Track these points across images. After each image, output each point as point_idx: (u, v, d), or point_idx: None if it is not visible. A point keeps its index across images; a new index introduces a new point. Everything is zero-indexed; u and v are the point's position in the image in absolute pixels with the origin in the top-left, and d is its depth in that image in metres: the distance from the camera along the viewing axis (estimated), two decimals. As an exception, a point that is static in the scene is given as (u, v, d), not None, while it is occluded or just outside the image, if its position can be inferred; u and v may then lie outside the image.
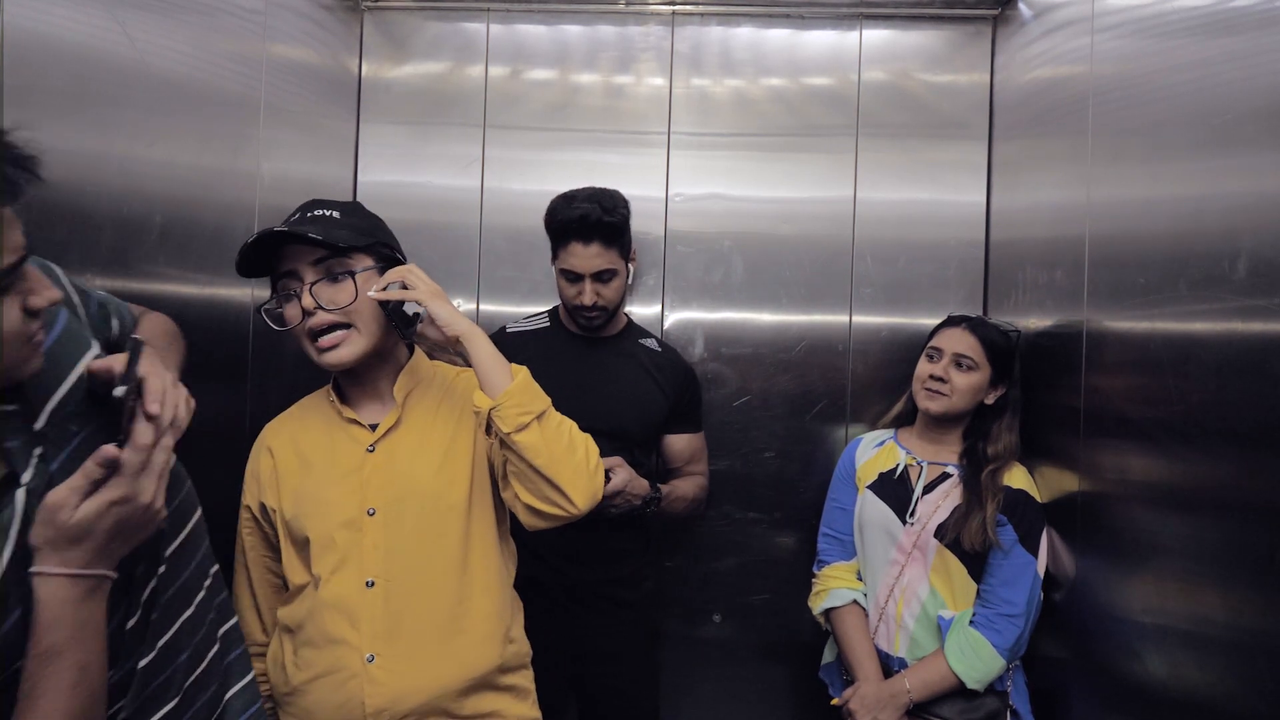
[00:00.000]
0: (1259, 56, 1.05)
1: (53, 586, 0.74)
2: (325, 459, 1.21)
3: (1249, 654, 1.04)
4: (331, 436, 1.22)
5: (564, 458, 1.11)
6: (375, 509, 1.16)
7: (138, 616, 0.87)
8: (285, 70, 1.78)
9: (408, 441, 1.20)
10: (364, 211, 1.25)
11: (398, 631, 1.13)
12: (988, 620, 1.55)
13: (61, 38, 1.11)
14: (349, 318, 1.13)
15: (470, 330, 1.14)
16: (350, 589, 1.14)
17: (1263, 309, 1.02)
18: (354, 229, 1.16)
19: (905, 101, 2.12)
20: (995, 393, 1.68)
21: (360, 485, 1.17)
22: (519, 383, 1.12)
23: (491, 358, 1.13)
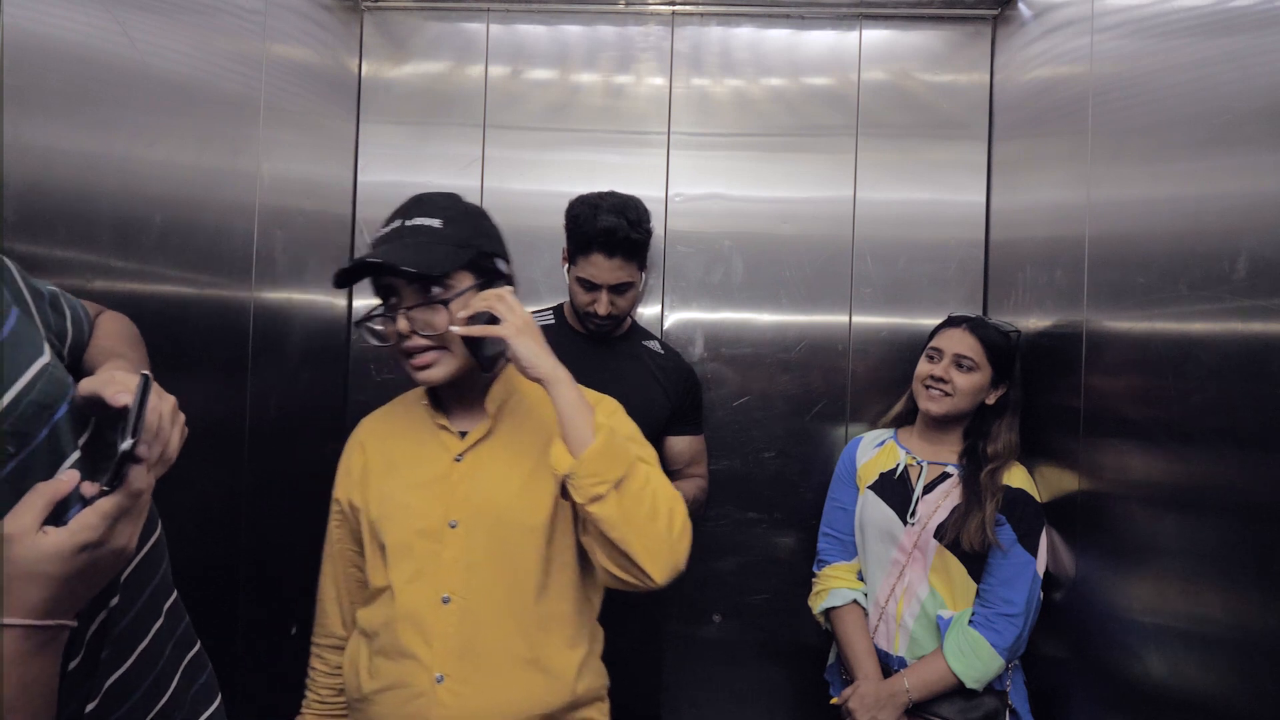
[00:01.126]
0: (1259, 56, 1.05)
1: (5, 638, 0.64)
2: (412, 463, 1.17)
3: (1249, 654, 1.04)
4: (421, 440, 1.19)
5: (643, 528, 1.02)
6: (457, 521, 1.12)
7: (81, 656, 0.77)
8: (285, 70, 1.78)
9: (497, 454, 1.16)
10: (466, 214, 1.16)
11: (469, 653, 1.09)
12: (987, 620, 1.55)
13: (61, 38, 1.11)
14: (442, 341, 1.10)
15: (554, 374, 1.06)
16: (425, 603, 1.10)
17: (1263, 309, 1.02)
18: (453, 242, 1.11)
19: (905, 101, 2.13)
20: (996, 393, 1.68)
21: (445, 494, 1.14)
22: (597, 447, 1.02)
23: (574, 407, 1.04)
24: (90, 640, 0.79)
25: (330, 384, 2.10)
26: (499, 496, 1.13)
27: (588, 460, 1.01)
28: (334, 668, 1.24)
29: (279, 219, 1.77)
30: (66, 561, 0.66)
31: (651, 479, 1.06)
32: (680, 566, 1.05)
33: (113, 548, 0.69)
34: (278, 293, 1.78)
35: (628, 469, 1.03)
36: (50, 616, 0.66)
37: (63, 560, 0.66)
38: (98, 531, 0.67)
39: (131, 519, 0.70)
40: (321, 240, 2.02)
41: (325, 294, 2.05)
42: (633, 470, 1.03)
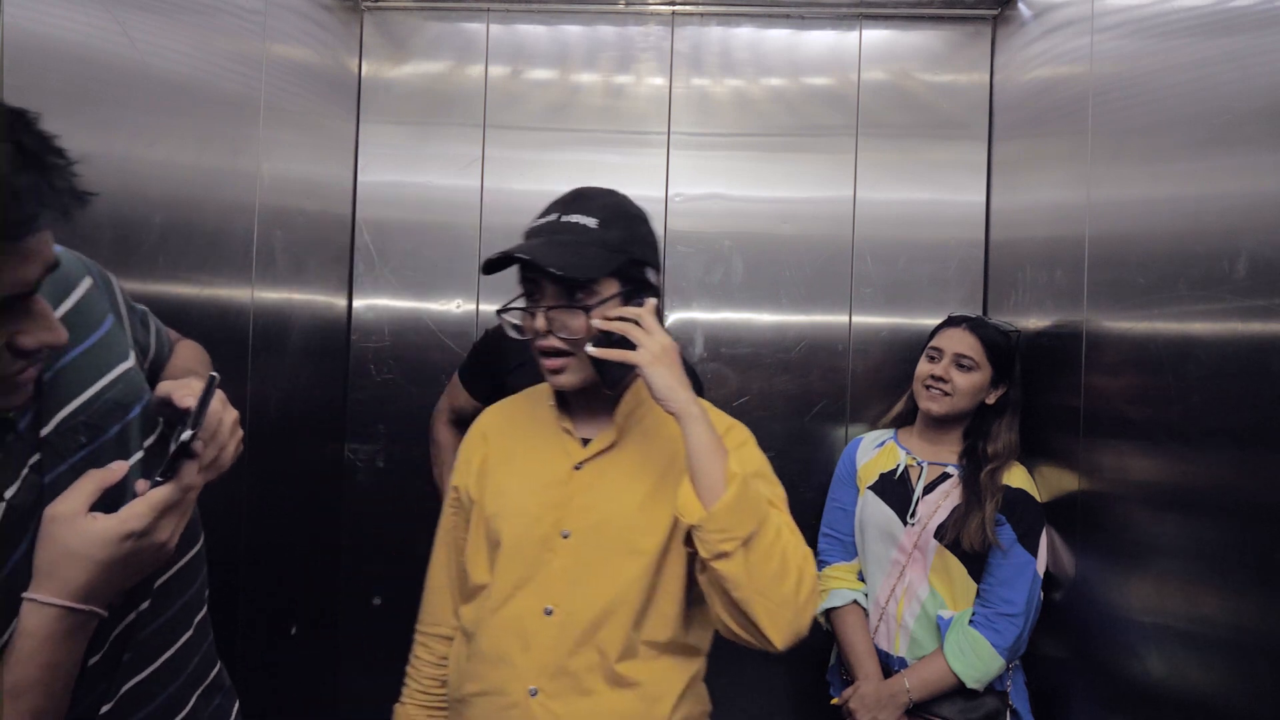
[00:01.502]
0: (1259, 56, 1.05)
1: (40, 617, 0.67)
2: (532, 464, 1.13)
3: (1249, 654, 1.04)
4: (544, 440, 1.15)
5: (768, 589, 0.95)
6: (570, 532, 1.07)
7: (102, 654, 0.79)
8: (285, 70, 1.78)
9: (618, 467, 1.10)
10: (625, 217, 1.09)
11: (566, 670, 1.04)
12: (987, 620, 1.55)
13: (61, 38, 1.11)
14: (575, 348, 1.05)
15: (687, 409, 0.98)
16: (529, 611, 1.06)
17: (1263, 309, 1.02)
18: (606, 245, 1.04)
19: (905, 101, 2.12)
20: (996, 393, 1.68)
21: (561, 502, 1.09)
22: (728, 500, 0.94)
23: (707, 449, 0.97)
24: (114, 640, 0.80)
25: (330, 384, 2.10)
26: (614, 513, 1.08)
27: (718, 515, 0.94)
28: (440, 658, 1.19)
29: (279, 219, 1.77)
30: (110, 547, 0.68)
31: (783, 534, 0.99)
32: (803, 632, 0.98)
33: (156, 540, 0.71)
34: (278, 293, 1.79)
35: (758, 524, 0.95)
36: (86, 601, 0.68)
37: (107, 545, 0.68)
38: (144, 521, 0.69)
39: (177, 515, 0.73)
40: (321, 240, 2.02)
41: (325, 294, 2.05)
42: (764, 525, 0.96)
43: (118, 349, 0.81)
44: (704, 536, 0.94)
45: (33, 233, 0.63)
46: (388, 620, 2.14)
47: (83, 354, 0.78)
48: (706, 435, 0.98)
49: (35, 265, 0.64)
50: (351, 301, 2.17)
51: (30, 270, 0.64)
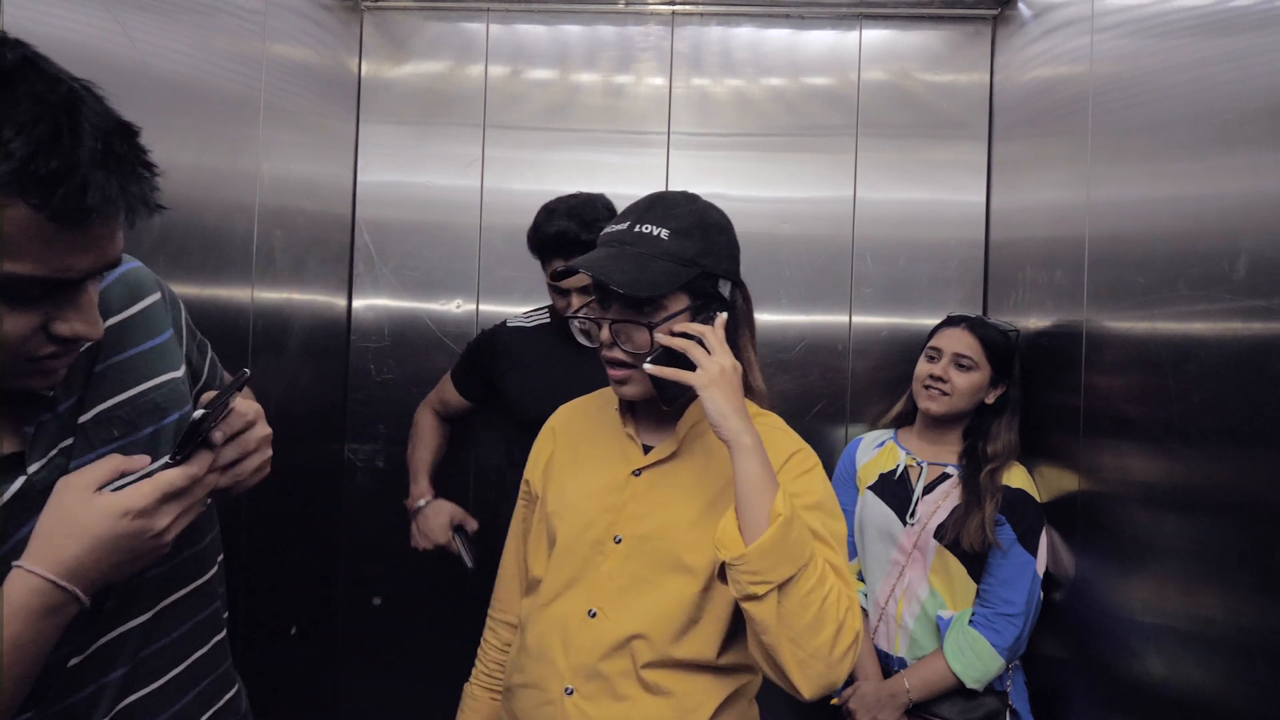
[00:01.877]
0: (1259, 56, 1.05)
1: (21, 586, 0.67)
2: (594, 466, 1.13)
3: (1249, 654, 1.04)
4: (607, 443, 1.14)
5: (799, 639, 0.90)
6: (622, 538, 1.07)
7: (85, 656, 0.77)
8: (285, 70, 1.78)
9: (677, 479, 1.09)
10: (700, 227, 1.06)
11: (599, 673, 1.03)
12: (987, 620, 1.55)
13: (61, 38, 1.11)
14: (638, 361, 1.03)
15: (738, 439, 0.94)
16: (573, 611, 1.06)
17: (1263, 309, 1.02)
18: (676, 258, 1.02)
19: (905, 101, 2.12)
20: (995, 392, 1.68)
21: (616, 507, 1.08)
22: (765, 542, 0.89)
23: (753, 482, 0.93)
24: (100, 646, 0.79)
25: (330, 383, 2.10)
26: (667, 525, 1.06)
27: (753, 556, 0.89)
28: (505, 643, 1.22)
29: (279, 219, 1.77)
30: (108, 520, 0.68)
31: (827, 581, 0.93)
32: (837, 684, 0.93)
33: (154, 525, 0.70)
34: (278, 292, 1.78)
35: (798, 569, 0.90)
36: (73, 579, 0.67)
37: (105, 518, 0.68)
38: (145, 500, 0.69)
39: (181, 505, 0.72)
40: (321, 240, 2.02)
41: (325, 294, 2.05)
42: (805, 571, 0.91)
43: (170, 359, 0.85)
44: (736, 576, 0.91)
45: (87, 224, 0.63)
46: (388, 620, 2.14)
47: (137, 355, 0.82)
48: (755, 468, 0.94)
49: (87, 256, 0.65)
50: (351, 301, 2.17)
51: (80, 260, 0.64)
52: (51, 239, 0.61)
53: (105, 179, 0.62)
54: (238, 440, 0.78)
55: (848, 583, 0.97)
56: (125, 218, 0.66)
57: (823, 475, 1.08)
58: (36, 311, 0.65)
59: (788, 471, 1.04)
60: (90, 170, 0.61)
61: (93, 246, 0.65)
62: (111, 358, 0.80)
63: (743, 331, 1.13)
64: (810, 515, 0.99)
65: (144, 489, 0.70)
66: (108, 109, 0.66)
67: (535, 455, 1.22)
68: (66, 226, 0.61)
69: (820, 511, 1.02)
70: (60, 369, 0.71)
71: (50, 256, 0.62)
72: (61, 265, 0.63)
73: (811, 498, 1.03)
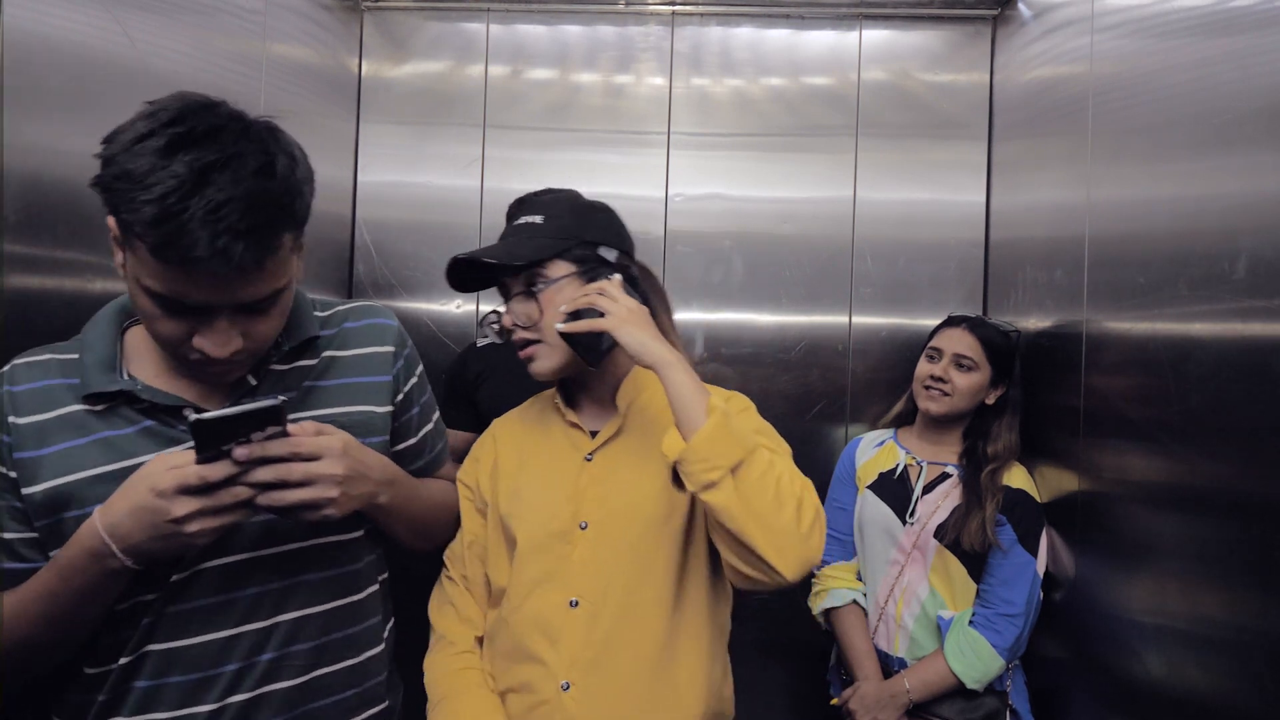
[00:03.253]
0: (1259, 56, 1.05)
1: (88, 523, 0.80)
2: (543, 462, 1.14)
3: (1249, 654, 1.04)
4: (552, 438, 1.15)
5: (765, 519, 0.93)
6: (588, 523, 1.08)
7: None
8: (285, 70, 1.78)
9: (628, 453, 1.11)
10: (573, 209, 1.13)
11: (601, 662, 1.03)
12: (987, 620, 1.55)
13: (61, 38, 1.11)
14: (539, 334, 1.08)
15: (663, 357, 0.98)
16: (552, 606, 1.06)
17: (1263, 309, 1.02)
18: (552, 234, 1.09)
19: (905, 101, 2.13)
20: (995, 392, 1.68)
21: (575, 494, 1.09)
22: (708, 429, 0.93)
23: (686, 390, 0.97)
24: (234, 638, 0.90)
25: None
26: (630, 498, 1.08)
27: (698, 444, 0.93)
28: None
29: (279, 219, 1.76)
30: (140, 490, 0.78)
31: (776, 465, 0.97)
32: (814, 559, 0.96)
33: (171, 513, 0.77)
34: (278, 293, 1.78)
35: (745, 454, 0.94)
36: (112, 535, 0.78)
37: (139, 488, 0.78)
38: (165, 483, 0.77)
39: (199, 503, 0.78)
40: (321, 240, 2.02)
41: (325, 294, 2.05)
42: (753, 456, 0.95)
43: (375, 398, 1.01)
44: (688, 470, 0.94)
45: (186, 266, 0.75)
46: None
47: (344, 385, 0.99)
48: (686, 377, 0.98)
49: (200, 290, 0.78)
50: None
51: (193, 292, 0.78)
52: (161, 270, 0.76)
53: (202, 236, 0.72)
54: (277, 466, 0.81)
55: (798, 473, 1.00)
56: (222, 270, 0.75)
57: (757, 415, 1.14)
58: (184, 323, 0.81)
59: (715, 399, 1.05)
60: (191, 226, 0.72)
61: (203, 285, 0.77)
62: (319, 380, 0.98)
63: (654, 302, 1.14)
64: (742, 420, 1.04)
65: (170, 474, 0.77)
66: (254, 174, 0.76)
67: (475, 460, 1.20)
68: (170, 264, 0.75)
69: (765, 433, 1.08)
70: (222, 374, 0.88)
71: (165, 282, 0.77)
72: (175, 290, 0.77)
73: (753, 425, 1.10)
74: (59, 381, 0.88)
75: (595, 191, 1.74)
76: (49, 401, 0.87)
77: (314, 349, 0.99)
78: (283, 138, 0.84)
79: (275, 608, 0.93)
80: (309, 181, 0.86)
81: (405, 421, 1.08)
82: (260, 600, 0.92)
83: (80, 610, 0.84)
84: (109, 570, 0.80)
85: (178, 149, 0.74)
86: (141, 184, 0.72)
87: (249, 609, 0.91)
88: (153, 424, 0.88)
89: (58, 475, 0.85)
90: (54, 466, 0.85)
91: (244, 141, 0.77)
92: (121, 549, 0.78)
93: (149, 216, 0.72)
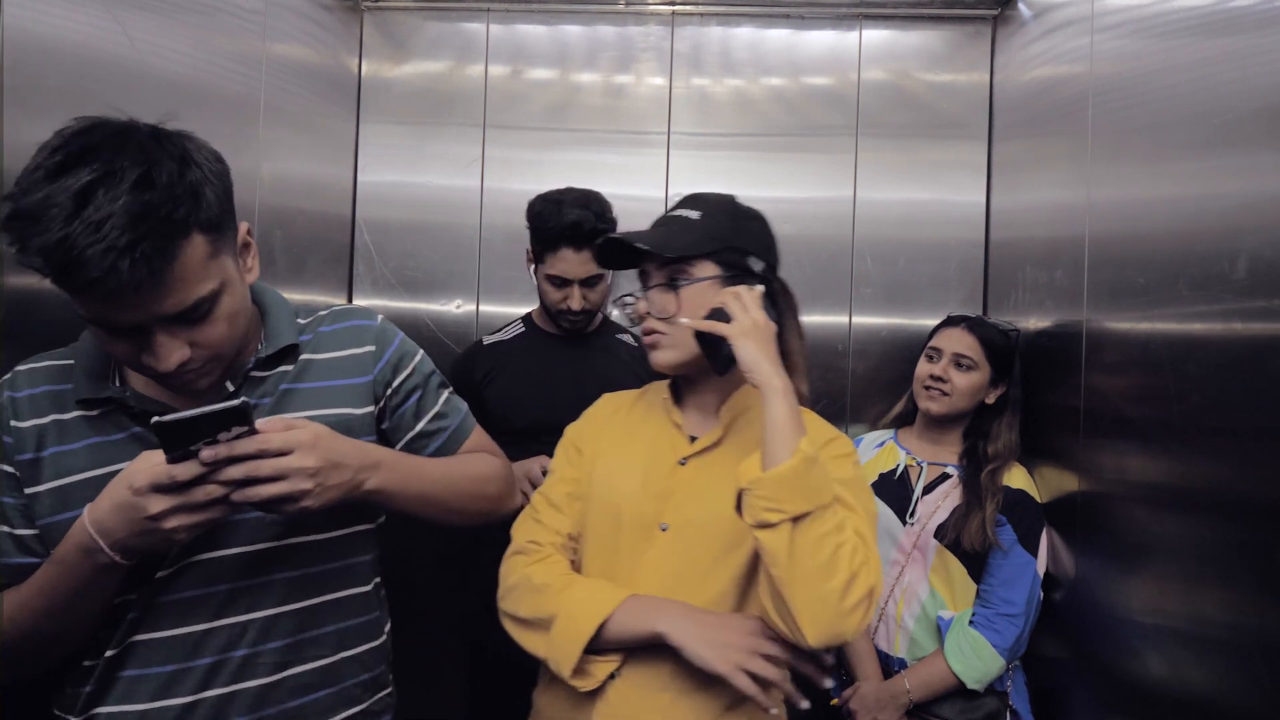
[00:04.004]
0: (1259, 56, 1.05)
1: (80, 519, 0.82)
2: (640, 454, 1.13)
3: (1249, 654, 1.04)
4: (656, 431, 1.15)
5: (810, 579, 0.90)
6: (669, 525, 1.07)
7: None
8: (285, 70, 1.78)
9: (722, 466, 1.07)
10: (731, 214, 1.12)
11: (645, 658, 1.03)
12: (987, 620, 1.55)
13: (61, 38, 1.11)
14: (669, 328, 1.08)
15: (770, 383, 0.96)
16: None
17: (1263, 309, 1.02)
18: (706, 233, 1.08)
19: (905, 101, 2.13)
20: (995, 392, 1.68)
21: (662, 495, 1.08)
22: (783, 470, 0.90)
23: (782, 421, 0.94)
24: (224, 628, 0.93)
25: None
26: (713, 510, 1.05)
27: (768, 481, 0.91)
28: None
29: (279, 219, 1.77)
30: (120, 486, 0.80)
31: (845, 529, 0.93)
32: (845, 637, 0.92)
33: (146, 509, 0.79)
34: (278, 293, 1.78)
35: (814, 507, 0.91)
36: (98, 529, 0.80)
37: (120, 484, 0.80)
38: (139, 481, 0.79)
39: (172, 501, 0.79)
40: (321, 240, 2.02)
41: (325, 294, 2.05)
42: (823, 512, 0.91)
43: (355, 400, 1.03)
44: (750, 502, 0.92)
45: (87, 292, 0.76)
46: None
47: (323, 388, 1.01)
48: (785, 409, 0.95)
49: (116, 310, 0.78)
50: (351, 301, 2.17)
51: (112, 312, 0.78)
52: (74, 298, 0.77)
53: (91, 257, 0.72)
54: (247, 464, 0.81)
55: (869, 547, 0.95)
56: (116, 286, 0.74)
57: (857, 464, 1.08)
58: (128, 343, 0.82)
59: (826, 453, 1.03)
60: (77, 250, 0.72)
61: (118, 305, 0.77)
62: (295, 384, 0.99)
63: (787, 322, 1.13)
64: (840, 488, 0.98)
65: (144, 473, 0.79)
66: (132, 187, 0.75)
67: (586, 424, 1.22)
68: (75, 292, 0.76)
69: (852, 487, 1.01)
70: (188, 384, 0.87)
71: (86, 308, 0.78)
72: (97, 313, 0.78)
73: (843, 475, 1.02)
74: (55, 388, 0.91)
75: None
76: (45, 407, 0.90)
77: (293, 354, 1.01)
78: (172, 144, 0.81)
79: (249, 605, 0.94)
80: (215, 181, 0.84)
81: (403, 414, 1.09)
82: (234, 596, 0.94)
83: (78, 603, 0.86)
84: (100, 565, 0.82)
85: (57, 175, 0.74)
86: (31, 219, 0.72)
87: (223, 604, 0.93)
88: (141, 430, 0.91)
89: (54, 478, 0.88)
90: (50, 469, 0.89)
91: (120, 157, 0.75)
92: (109, 544, 0.81)
93: (37, 249, 0.72)
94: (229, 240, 0.88)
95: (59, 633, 0.88)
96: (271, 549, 0.96)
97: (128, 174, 0.74)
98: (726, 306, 1.02)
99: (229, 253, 0.88)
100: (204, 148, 0.86)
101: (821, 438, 1.05)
